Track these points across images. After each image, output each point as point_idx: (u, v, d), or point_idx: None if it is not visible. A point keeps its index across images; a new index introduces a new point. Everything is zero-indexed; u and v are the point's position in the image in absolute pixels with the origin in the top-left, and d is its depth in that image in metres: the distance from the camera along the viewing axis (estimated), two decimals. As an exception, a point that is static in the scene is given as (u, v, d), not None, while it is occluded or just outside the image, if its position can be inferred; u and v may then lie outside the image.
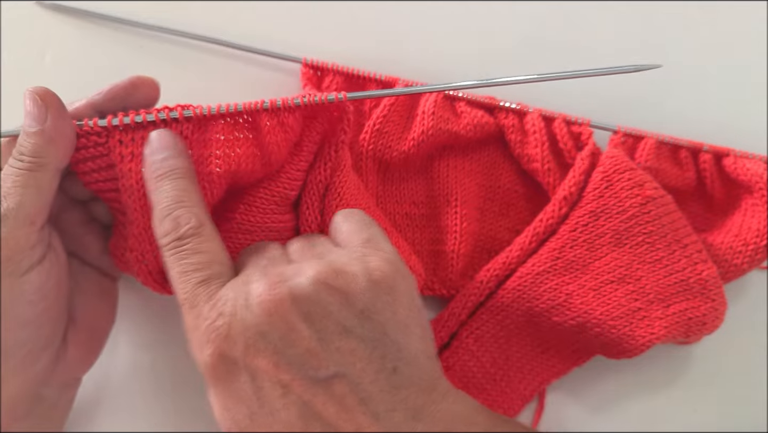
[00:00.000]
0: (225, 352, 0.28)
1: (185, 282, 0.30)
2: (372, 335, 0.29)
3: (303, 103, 0.34)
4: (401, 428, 0.28)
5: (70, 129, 0.32)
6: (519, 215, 0.44)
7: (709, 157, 0.43)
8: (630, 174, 0.40)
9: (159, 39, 0.44)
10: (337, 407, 0.28)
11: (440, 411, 0.29)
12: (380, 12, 0.45)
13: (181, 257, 0.30)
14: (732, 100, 0.46)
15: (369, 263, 0.30)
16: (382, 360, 0.28)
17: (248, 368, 0.28)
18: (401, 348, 0.29)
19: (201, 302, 0.29)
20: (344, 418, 0.28)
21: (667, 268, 0.40)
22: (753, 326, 0.45)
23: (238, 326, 0.28)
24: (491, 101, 0.42)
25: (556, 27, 0.46)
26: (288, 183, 0.36)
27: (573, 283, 0.40)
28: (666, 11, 0.46)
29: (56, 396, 0.36)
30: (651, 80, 0.46)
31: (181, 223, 0.31)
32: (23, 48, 0.43)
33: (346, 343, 0.28)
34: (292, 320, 0.28)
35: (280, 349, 0.28)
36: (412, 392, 0.29)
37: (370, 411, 0.28)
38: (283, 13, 0.44)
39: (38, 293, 0.32)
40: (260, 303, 0.28)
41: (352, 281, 0.29)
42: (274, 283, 0.28)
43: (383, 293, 0.29)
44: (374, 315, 0.29)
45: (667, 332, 0.39)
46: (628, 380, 0.44)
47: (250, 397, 0.28)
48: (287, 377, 0.28)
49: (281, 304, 0.28)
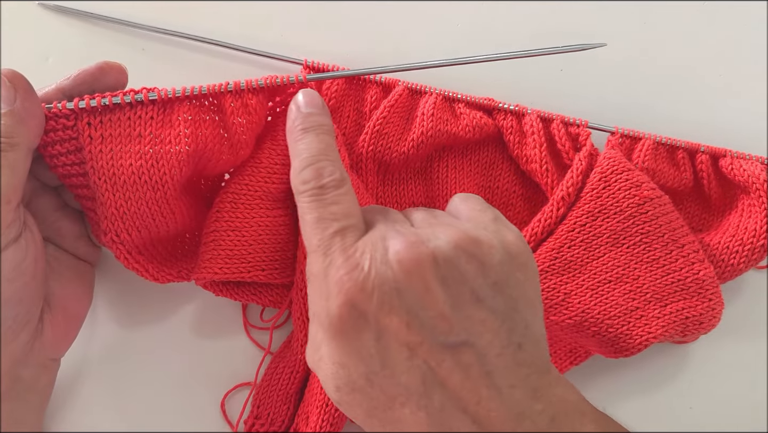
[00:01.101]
0: (357, 304, 0.27)
1: (322, 229, 0.29)
2: (503, 308, 0.28)
3: (266, 84, 0.36)
4: (521, 405, 0.27)
5: (39, 110, 0.33)
6: (517, 216, 0.44)
7: (706, 158, 0.43)
8: (627, 175, 0.40)
9: (160, 40, 0.44)
10: (461, 375, 0.27)
11: (555, 395, 0.28)
12: (380, 13, 0.45)
13: (319, 205, 0.30)
14: (730, 101, 0.46)
15: (505, 237, 0.29)
16: (510, 335, 0.28)
17: (377, 324, 0.27)
18: (528, 326, 0.29)
19: (336, 252, 0.28)
20: (468, 387, 0.27)
21: (664, 268, 0.40)
22: (750, 325, 0.45)
23: (375, 279, 0.27)
24: (490, 103, 0.43)
25: (556, 27, 0.46)
26: (269, 177, 0.37)
27: (571, 282, 0.40)
28: (665, 11, 0.47)
29: (33, 377, 0.36)
30: (649, 81, 0.46)
31: (324, 174, 0.31)
32: (26, 50, 0.43)
33: (477, 312, 0.28)
34: (429, 281, 0.27)
35: (414, 309, 0.27)
36: (533, 372, 0.28)
37: (493, 384, 0.27)
38: (285, 14, 0.45)
39: (15, 270, 0.32)
40: (400, 260, 0.27)
41: (488, 252, 0.28)
42: (413, 242, 0.28)
43: (517, 268, 0.29)
44: (507, 289, 0.28)
45: (664, 332, 0.40)
46: (625, 379, 0.44)
47: (372, 355, 0.27)
48: (416, 339, 0.27)
49: (421, 263, 0.27)
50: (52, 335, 0.36)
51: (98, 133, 0.34)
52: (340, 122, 0.42)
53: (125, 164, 0.34)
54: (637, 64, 0.46)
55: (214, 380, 0.42)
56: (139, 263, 0.36)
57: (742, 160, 0.43)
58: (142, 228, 0.35)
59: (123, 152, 0.34)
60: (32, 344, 0.35)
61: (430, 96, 0.42)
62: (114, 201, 0.34)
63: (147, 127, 0.34)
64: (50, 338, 0.36)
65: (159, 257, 0.38)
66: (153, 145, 0.34)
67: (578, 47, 0.37)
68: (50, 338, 0.36)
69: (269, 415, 0.41)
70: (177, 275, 0.38)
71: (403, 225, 0.31)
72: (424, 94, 0.42)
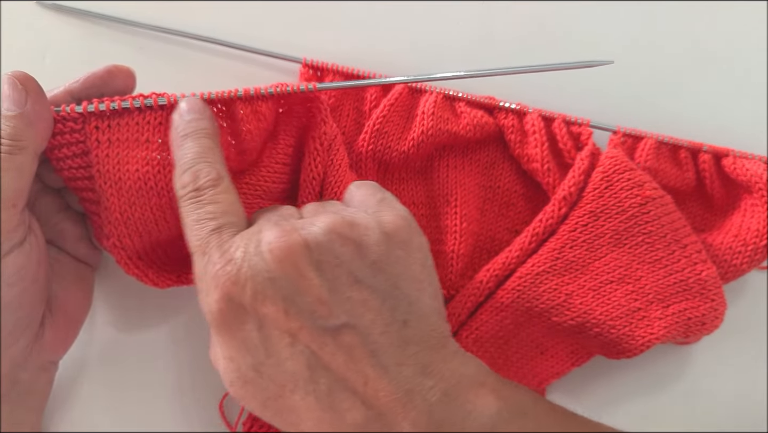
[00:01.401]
0: (233, 297, 0.28)
1: (199, 229, 0.30)
2: (384, 287, 0.28)
3: (276, 92, 0.36)
4: (410, 382, 0.28)
5: (48, 113, 0.33)
6: (519, 215, 0.44)
7: (709, 158, 0.43)
8: (630, 174, 0.40)
9: (159, 39, 0.44)
10: (345, 357, 0.27)
11: (449, 370, 0.29)
12: (380, 11, 0.45)
13: (197, 206, 0.31)
14: (732, 100, 0.46)
15: (383, 217, 0.30)
16: (393, 312, 0.28)
17: (256, 315, 0.28)
18: (412, 302, 0.29)
19: (212, 249, 0.29)
20: (353, 369, 0.27)
21: (666, 268, 0.40)
22: (752, 326, 0.45)
23: (248, 271, 0.28)
24: (491, 101, 0.42)
25: (556, 27, 0.46)
26: (269, 176, 0.37)
27: (572, 283, 0.40)
28: (666, 11, 0.47)
29: (32, 380, 0.36)
30: (651, 80, 0.46)
31: (200, 175, 0.31)
32: (23, 48, 0.43)
33: (357, 293, 0.28)
34: (302, 268, 0.28)
35: (290, 296, 0.27)
36: (422, 348, 0.28)
37: (379, 363, 0.28)
38: (284, 13, 0.45)
39: (18, 274, 0.32)
40: (271, 250, 0.28)
41: (365, 233, 0.29)
42: (286, 231, 0.28)
43: (396, 246, 0.29)
44: (387, 267, 0.29)
45: (667, 332, 0.39)
46: (627, 380, 0.44)
47: (256, 346, 0.28)
48: (296, 325, 0.27)
49: (292, 251, 0.28)
50: (52, 338, 0.36)
51: (105, 138, 0.33)
52: (340, 121, 0.42)
53: (131, 169, 0.34)
54: (639, 64, 0.46)
55: (213, 381, 0.42)
56: (140, 268, 0.36)
57: (745, 159, 0.42)
58: (145, 233, 0.35)
59: (130, 157, 0.34)
60: (32, 348, 0.35)
61: (431, 95, 0.42)
62: (119, 206, 0.34)
63: (155, 133, 0.34)
64: (50, 341, 0.36)
65: (159, 261, 0.37)
66: (160, 151, 0.34)
67: (585, 63, 0.37)
68: (50, 341, 0.36)
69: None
70: (177, 279, 0.38)
71: (288, 218, 0.31)
72: (425, 92, 0.42)
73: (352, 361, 0.27)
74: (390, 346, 0.28)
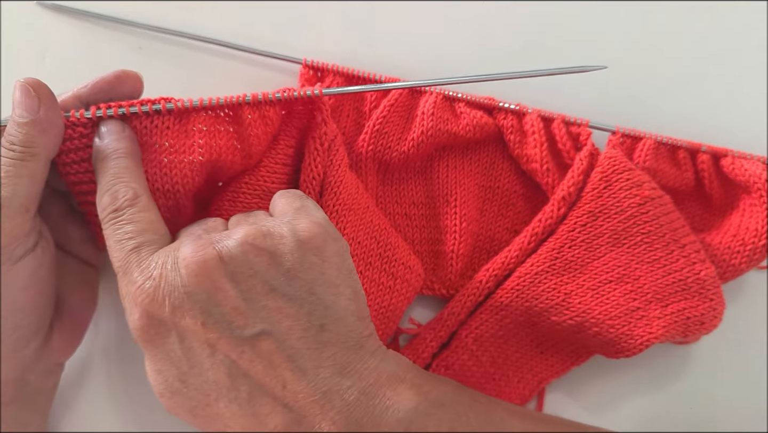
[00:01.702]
0: (153, 313, 0.29)
1: (119, 250, 0.30)
2: (299, 294, 0.29)
3: (283, 97, 0.36)
4: (327, 383, 0.29)
5: (60, 119, 0.33)
6: (518, 215, 0.44)
7: (708, 158, 0.43)
8: (628, 174, 0.40)
9: (159, 39, 0.44)
10: (263, 364, 0.29)
11: (367, 369, 0.30)
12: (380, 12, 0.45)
13: (117, 227, 0.31)
14: (731, 100, 0.46)
15: (297, 225, 0.30)
16: (309, 318, 0.29)
17: (177, 328, 0.29)
18: (328, 306, 0.30)
19: (132, 268, 0.30)
20: (271, 375, 0.29)
21: (665, 268, 0.40)
22: (751, 325, 0.45)
23: (165, 287, 0.28)
24: (490, 102, 0.42)
25: (556, 28, 0.46)
26: (268, 176, 0.37)
27: (571, 283, 0.40)
28: (665, 11, 0.47)
29: (40, 382, 0.37)
30: (650, 81, 0.46)
31: (118, 196, 0.32)
32: (23, 48, 0.43)
33: (272, 301, 0.29)
34: (217, 280, 0.28)
35: (207, 308, 0.28)
36: (340, 350, 0.29)
37: (297, 367, 0.29)
38: (284, 13, 0.44)
39: (31, 278, 0.33)
40: (186, 265, 0.29)
41: (279, 242, 0.30)
42: (201, 246, 0.29)
43: (310, 253, 0.30)
44: (301, 274, 0.29)
45: (666, 332, 0.40)
46: (626, 379, 0.44)
47: (180, 358, 0.29)
48: (214, 336, 0.28)
49: (207, 265, 0.28)
50: (60, 340, 0.37)
51: None
52: (340, 121, 0.42)
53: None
54: (638, 64, 0.46)
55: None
56: None
57: (744, 160, 0.42)
58: None
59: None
60: (41, 350, 0.36)
61: (431, 95, 0.42)
62: None
63: (163, 137, 0.34)
64: (58, 343, 0.37)
65: None
66: (168, 154, 0.34)
67: (579, 69, 0.38)
68: (58, 343, 0.36)
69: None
70: None
71: (209, 231, 0.32)
72: (424, 93, 0.42)
73: (270, 367, 0.29)
74: (307, 350, 0.29)
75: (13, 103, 0.32)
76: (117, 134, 0.33)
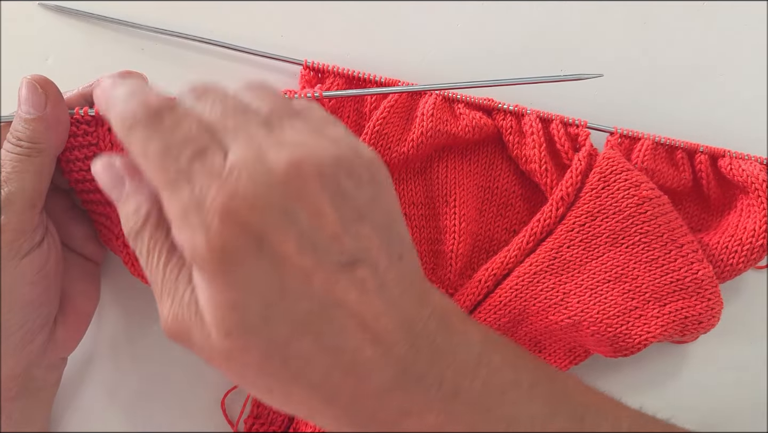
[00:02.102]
0: (246, 224, 0.24)
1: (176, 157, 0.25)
2: (382, 222, 0.27)
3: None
4: (411, 313, 0.27)
5: (66, 116, 0.33)
6: (517, 216, 0.44)
7: (705, 158, 0.43)
8: (626, 175, 0.41)
9: (160, 41, 0.44)
10: (358, 292, 0.26)
11: (435, 300, 0.29)
12: (380, 13, 0.45)
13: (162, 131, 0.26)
14: (729, 101, 0.46)
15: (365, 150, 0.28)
16: (390, 247, 0.28)
17: (271, 249, 0.24)
18: (403, 237, 0.29)
19: (203, 176, 0.24)
20: (366, 302, 0.26)
21: (663, 267, 0.40)
22: (749, 325, 0.45)
23: (262, 198, 0.24)
24: (489, 103, 0.43)
25: (556, 28, 0.46)
26: None
27: (570, 282, 0.40)
28: (664, 11, 0.47)
29: (44, 377, 0.37)
30: (649, 81, 0.46)
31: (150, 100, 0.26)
32: (25, 50, 0.43)
33: (363, 228, 0.27)
34: (319, 200, 0.25)
35: (305, 230, 0.25)
36: (416, 280, 0.28)
37: (386, 297, 0.27)
38: (285, 14, 0.45)
39: (38, 273, 0.33)
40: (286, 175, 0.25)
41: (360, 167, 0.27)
42: (299, 156, 0.25)
43: (384, 178, 0.28)
44: (382, 203, 0.28)
45: (663, 331, 0.40)
46: (624, 378, 0.44)
47: (269, 287, 0.25)
48: (310, 262, 0.25)
49: (307, 181, 0.25)
50: (64, 335, 0.37)
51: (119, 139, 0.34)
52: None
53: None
54: (636, 65, 0.46)
55: (214, 379, 0.42)
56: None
57: (741, 160, 0.43)
58: None
59: None
60: (46, 345, 0.36)
61: (430, 96, 0.42)
62: None
63: None
64: (62, 338, 0.37)
65: None
66: None
67: (575, 77, 0.38)
68: (62, 337, 0.37)
69: (269, 414, 0.41)
70: None
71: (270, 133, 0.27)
72: (424, 94, 0.42)
73: (365, 294, 0.26)
74: (393, 279, 0.27)
75: (19, 100, 0.32)
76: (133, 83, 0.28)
